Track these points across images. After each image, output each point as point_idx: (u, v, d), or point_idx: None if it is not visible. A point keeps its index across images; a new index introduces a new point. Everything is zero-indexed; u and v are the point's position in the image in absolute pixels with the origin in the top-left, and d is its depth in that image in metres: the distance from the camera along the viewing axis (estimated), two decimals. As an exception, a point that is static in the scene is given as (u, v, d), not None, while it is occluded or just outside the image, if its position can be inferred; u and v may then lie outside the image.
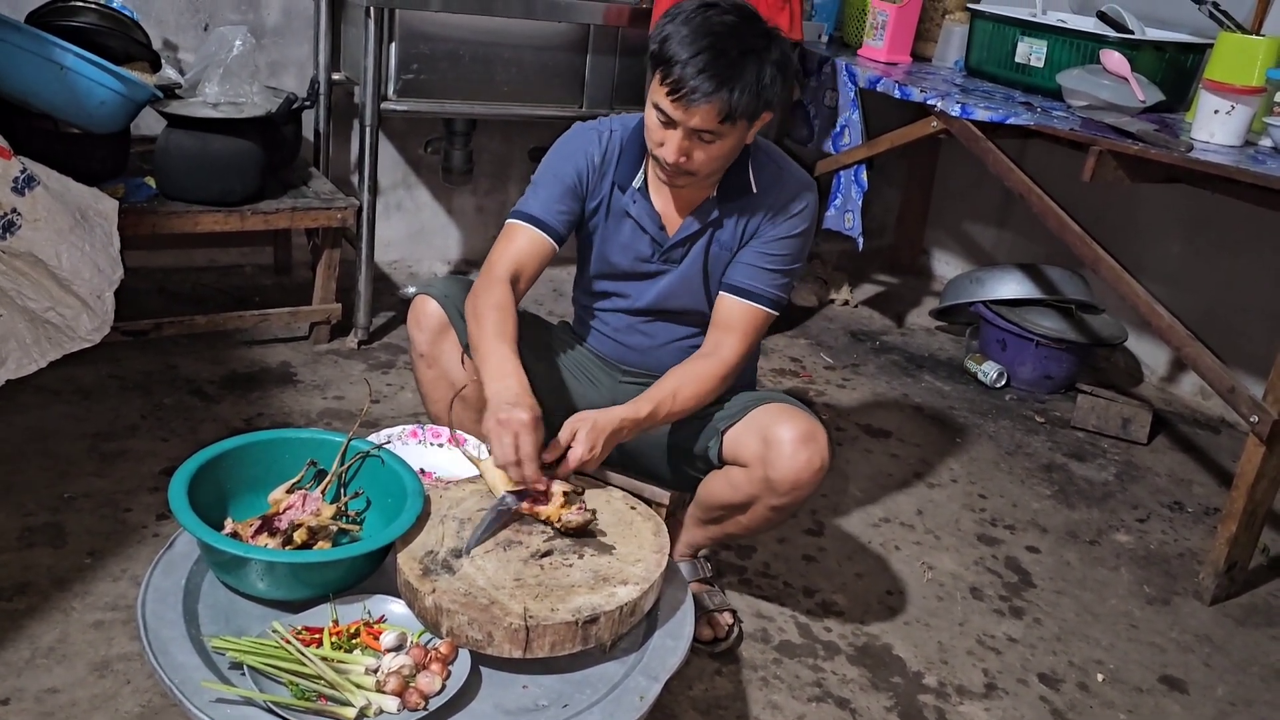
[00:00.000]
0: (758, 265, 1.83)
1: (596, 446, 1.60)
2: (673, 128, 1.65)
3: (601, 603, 1.41)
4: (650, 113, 1.69)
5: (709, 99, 1.59)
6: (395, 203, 3.63)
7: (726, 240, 1.85)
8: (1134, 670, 2.17)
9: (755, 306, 1.82)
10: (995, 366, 3.41)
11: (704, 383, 1.78)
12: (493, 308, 1.70)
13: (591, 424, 1.62)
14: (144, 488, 2.23)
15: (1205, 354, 2.40)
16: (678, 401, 1.75)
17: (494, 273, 1.77)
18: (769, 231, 1.82)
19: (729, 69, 1.59)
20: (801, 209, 1.83)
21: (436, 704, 1.30)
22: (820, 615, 2.17)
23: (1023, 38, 3.24)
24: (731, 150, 1.71)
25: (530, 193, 1.84)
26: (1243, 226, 3.28)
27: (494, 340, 1.66)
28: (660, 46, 1.63)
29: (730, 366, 1.80)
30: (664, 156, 1.68)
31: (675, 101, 1.62)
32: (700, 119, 1.62)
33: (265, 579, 1.42)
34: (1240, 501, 2.33)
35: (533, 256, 1.80)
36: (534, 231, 1.80)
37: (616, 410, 1.68)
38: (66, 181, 2.27)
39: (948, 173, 4.28)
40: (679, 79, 1.59)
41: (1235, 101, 2.57)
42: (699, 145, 1.66)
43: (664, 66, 1.62)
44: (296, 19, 3.25)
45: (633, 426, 1.68)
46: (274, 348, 2.96)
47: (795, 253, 1.84)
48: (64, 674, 1.72)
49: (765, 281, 1.83)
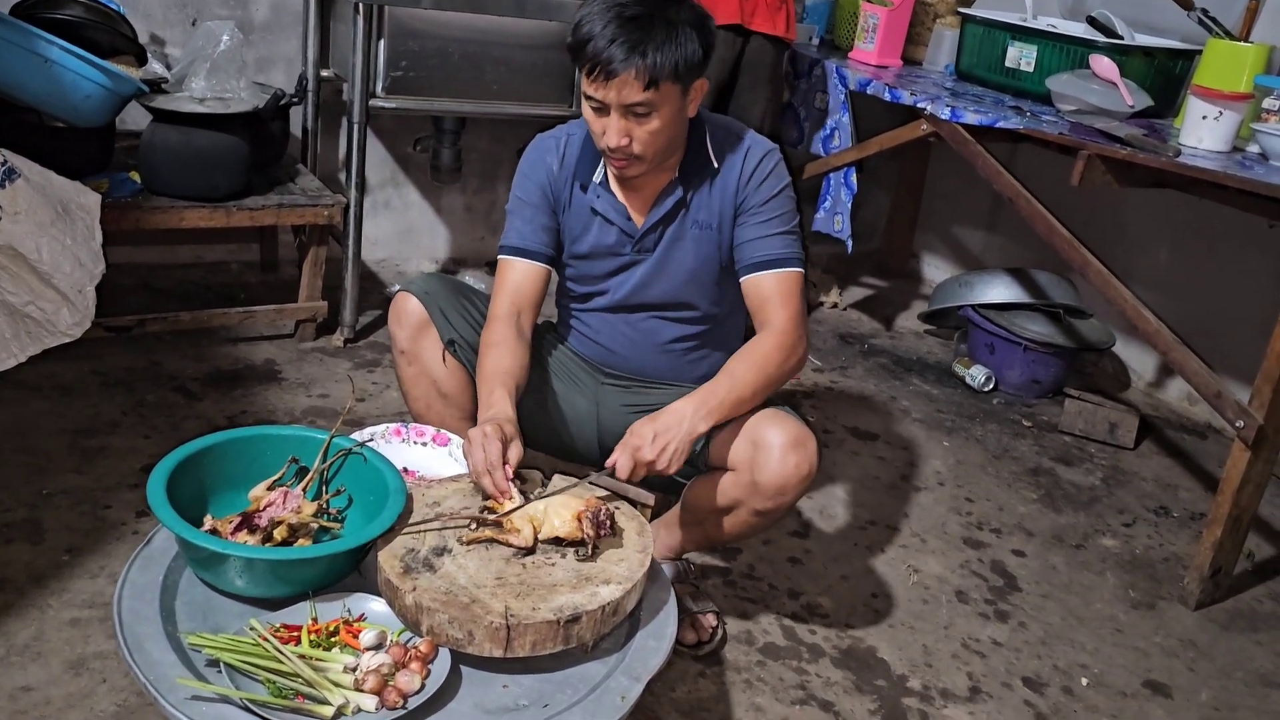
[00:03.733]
0: (762, 236, 1.81)
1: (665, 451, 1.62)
2: (606, 113, 1.67)
3: (584, 602, 1.39)
4: (586, 108, 1.70)
5: (625, 65, 1.60)
6: (383, 201, 3.61)
7: (704, 219, 1.83)
8: (1118, 674, 2.17)
9: (780, 272, 1.80)
10: (983, 370, 3.41)
11: (761, 358, 1.74)
12: (491, 345, 1.77)
13: (653, 431, 1.63)
14: (124, 484, 2.21)
15: (1192, 359, 2.40)
16: (738, 381, 1.71)
17: (494, 311, 1.83)
18: (752, 200, 1.81)
19: (638, 33, 1.60)
20: (772, 168, 1.82)
21: (415, 703, 1.29)
22: (805, 618, 2.17)
23: (1013, 42, 3.25)
24: (670, 124, 1.70)
25: (508, 224, 1.88)
26: (1230, 232, 3.29)
27: (485, 379, 1.72)
28: (574, 34, 1.66)
29: (784, 334, 1.76)
30: (607, 143, 1.69)
31: (596, 80, 1.63)
32: (625, 91, 1.62)
33: (244, 576, 1.40)
34: (1225, 506, 2.33)
35: (528, 286, 1.85)
36: (521, 262, 1.85)
37: (678, 405, 1.67)
38: (48, 174, 2.25)
39: (937, 176, 4.28)
40: (594, 55, 1.61)
41: (1223, 107, 2.58)
42: (636, 122, 1.66)
43: (580, 51, 1.64)
44: (285, 15, 3.24)
45: (705, 417, 1.66)
46: (259, 345, 2.94)
47: (788, 210, 1.83)
48: (39, 672, 1.70)
49: (776, 246, 1.81)
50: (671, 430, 1.63)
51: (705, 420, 1.66)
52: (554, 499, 1.53)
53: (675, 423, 1.64)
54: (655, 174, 1.81)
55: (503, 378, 1.70)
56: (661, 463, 1.62)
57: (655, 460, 1.62)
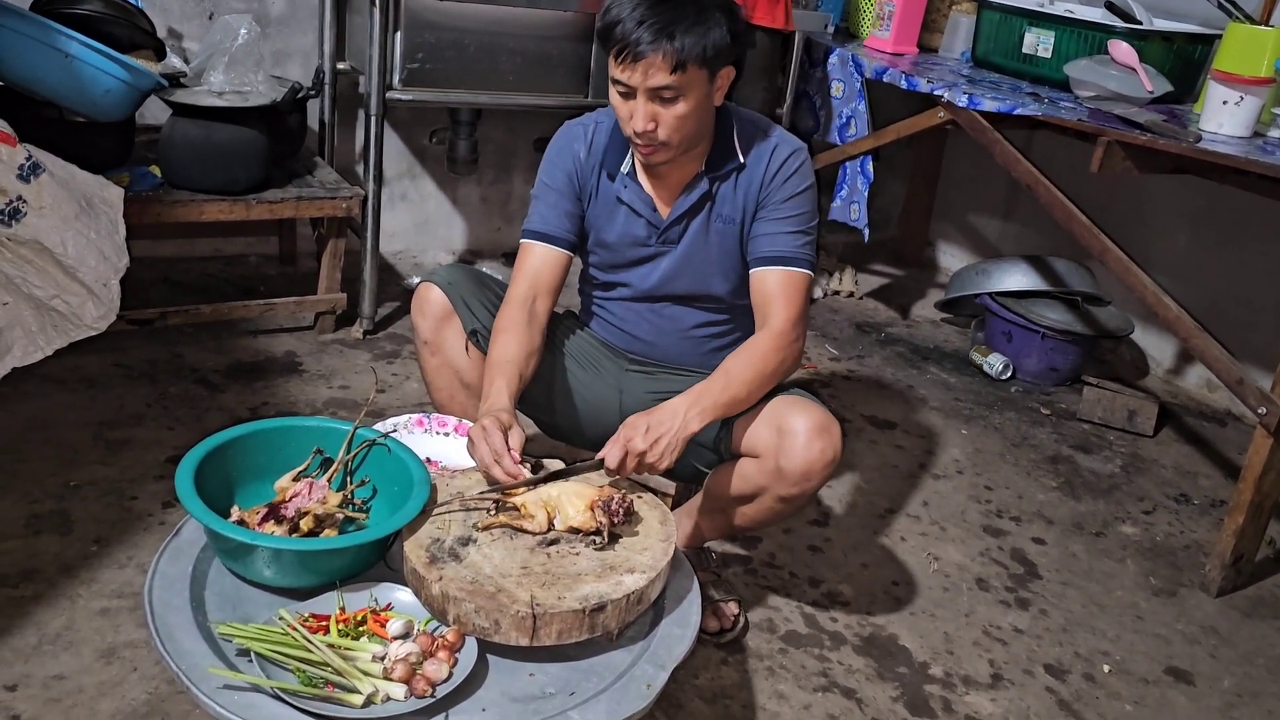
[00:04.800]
0: (776, 232, 1.81)
1: (658, 444, 1.60)
2: (633, 97, 1.67)
3: (608, 591, 1.40)
4: (613, 93, 1.71)
5: (653, 48, 1.60)
6: (400, 193, 3.62)
7: (728, 213, 1.84)
8: (1140, 661, 2.17)
9: (788, 270, 1.80)
10: (1001, 358, 3.40)
11: (757, 357, 1.75)
12: (500, 331, 1.78)
13: (646, 424, 1.61)
14: (149, 476, 2.23)
15: (1213, 345, 2.39)
16: (733, 380, 1.71)
17: (510, 294, 1.84)
18: (774, 196, 1.81)
19: (667, 15, 1.60)
20: (798, 167, 1.82)
21: (443, 691, 1.30)
22: (826, 606, 2.17)
23: (1030, 28, 3.23)
24: (697, 109, 1.69)
25: (532, 207, 1.89)
26: (1250, 218, 3.26)
27: (489, 366, 1.74)
28: (602, 18, 1.66)
29: (783, 334, 1.77)
30: (634, 128, 1.69)
31: (623, 62, 1.63)
32: (651, 74, 1.62)
33: (272, 566, 1.42)
34: (1247, 494, 2.32)
35: (547, 271, 1.85)
36: (542, 247, 1.85)
37: (673, 402, 1.66)
38: (72, 169, 2.27)
39: (953, 164, 4.26)
40: (622, 37, 1.62)
41: (1244, 92, 2.56)
42: (663, 107, 1.67)
43: (608, 34, 1.64)
44: (301, 8, 3.25)
45: (699, 415, 1.65)
46: (279, 337, 2.95)
47: (808, 210, 1.84)
48: (71, 660, 1.72)
49: (789, 244, 1.81)
50: (665, 425, 1.62)
51: (699, 419, 1.65)
52: (567, 487, 1.54)
53: (669, 418, 1.63)
54: (682, 165, 1.81)
55: (505, 367, 1.71)
56: (653, 455, 1.61)
57: (647, 452, 1.60)
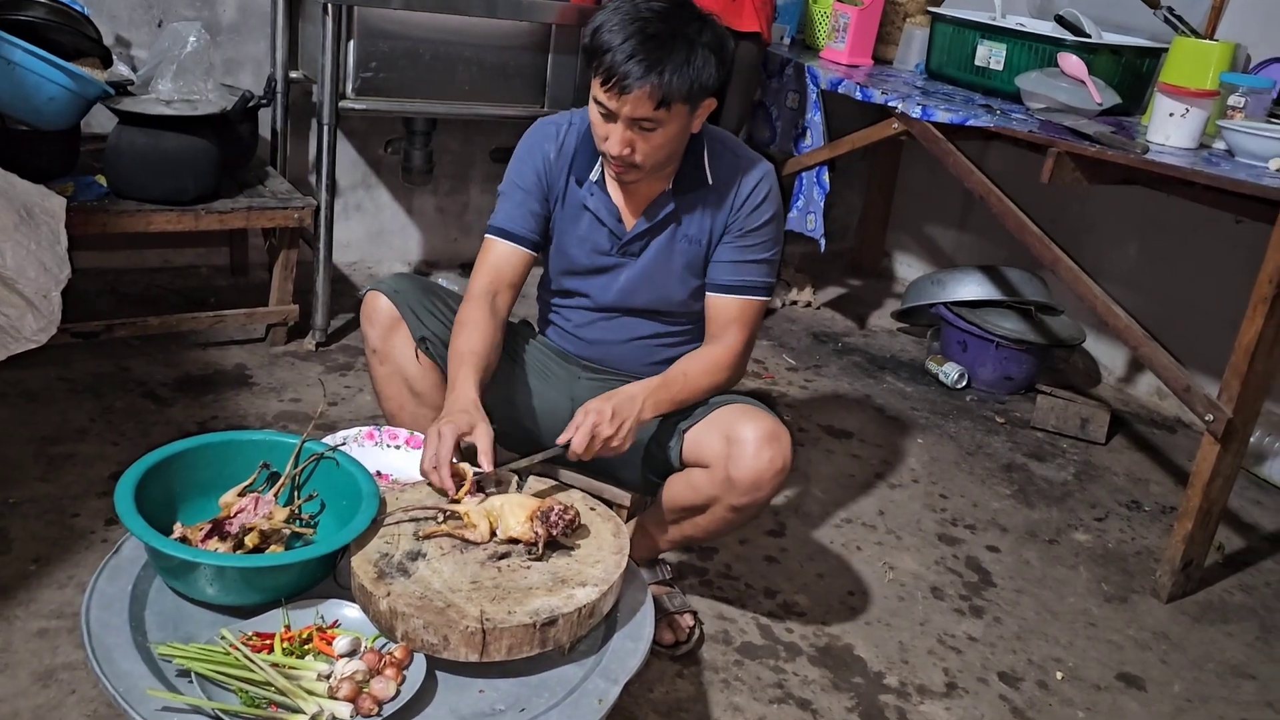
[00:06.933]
0: (741, 260, 1.84)
1: (622, 428, 1.65)
2: (613, 120, 1.66)
3: (560, 604, 1.39)
4: (592, 108, 1.70)
5: (641, 83, 1.60)
6: (354, 203, 3.58)
7: (694, 234, 1.85)
8: (1092, 668, 2.18)
9: (746, 299, 1.85)
10: (956, 367, 3.43)
11: (712, 366, 1.83)
12: (462, 325, 1.78)
13: (610, 408, 1.65)
14: (92, 492, 2.18)
15: (1161, 353, 2.42)
16: (689, 382, 1.80)
17: (471, 290, 1.84)
18: (739, 224, 1.83)
19: (658, 52, 1.60)
20: (766, 193, 1.84)
21: (391, 710, 1.28)
22: (782, 616, 2.17)
23: (982, 41, 3.27)
24: (674, 139, 1.71)
25: (499, 203, 1.89)
26: (1198, 228, 3.32)
27: (453, 357, 1.74)
28: (592, 38, 1.65)
29: (736, 354, 1.85)
30: (609, 150, 1.69)
31: (609, 91, 1.62)
32: (636, 106, 1.62)
33: (215, 584, 1.38)
34: (1196, 500, 2.35)
35: (508, 268, 1.85)
36: (504, 244, 1.86)
37: (629, 388, 1.72)
38: (11, 178, 2.21)
39: (909, 175, 4.30)
40: (610, 67, 1.61)
41: (1190, 105, 2.60)
42: (641, 135, 1.66)
43: (596, 57, 1.63)
44: (253, 16, 3.20)
45: (653, 405, 1.72)
46: (229, 350, 2.91)
47: (771, 238, 1.86)
48: (6, 684, 1.67)
49: (750, 274, 1.84)
50: (625, 409, 1.68)
51: (652, 409, 1.73)
52: (512, 497, 1.53)
53: (628, 402, 1.69)
54: (650, 181, 1.81)
55: (471, 358, 1.71)
56: (617, 440, 1.66)
57: (614, 436, 1.65)
